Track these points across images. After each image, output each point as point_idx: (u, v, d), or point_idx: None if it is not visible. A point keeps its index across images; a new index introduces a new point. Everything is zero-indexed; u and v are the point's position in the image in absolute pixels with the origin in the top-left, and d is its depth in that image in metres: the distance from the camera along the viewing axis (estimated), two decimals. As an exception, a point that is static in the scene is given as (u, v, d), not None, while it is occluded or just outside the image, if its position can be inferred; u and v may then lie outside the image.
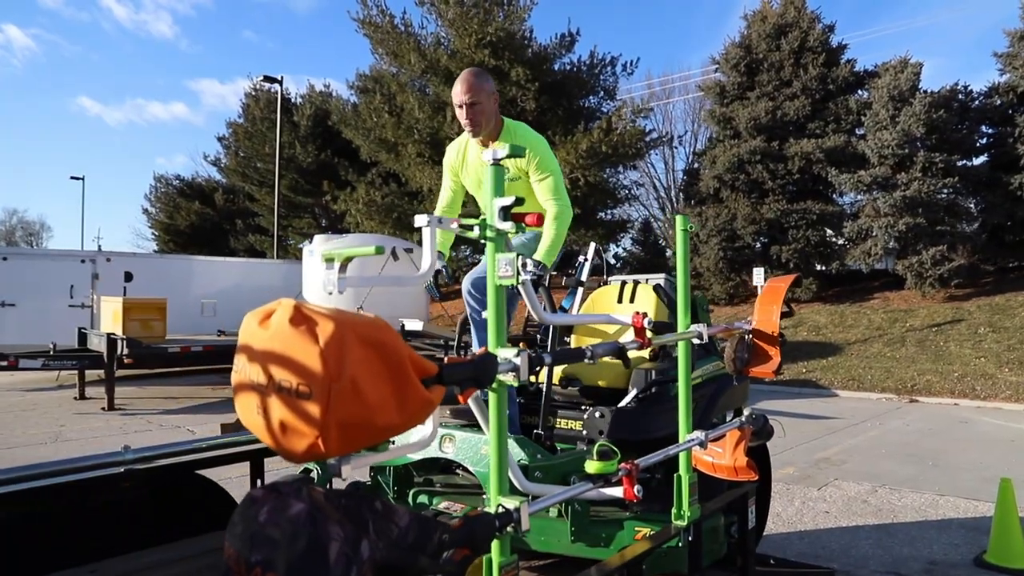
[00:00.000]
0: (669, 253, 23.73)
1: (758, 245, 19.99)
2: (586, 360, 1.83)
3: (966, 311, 15.64)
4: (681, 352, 2.46)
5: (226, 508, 3.50)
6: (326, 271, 1.39)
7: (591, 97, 23.16)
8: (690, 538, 2.46)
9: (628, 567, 2.12)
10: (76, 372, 11.31)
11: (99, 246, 53.08)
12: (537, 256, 3.03)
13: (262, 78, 25.85)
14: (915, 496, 5.72)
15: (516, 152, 1.60)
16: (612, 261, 22.26)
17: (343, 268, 1.40)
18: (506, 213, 1.59)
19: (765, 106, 19.56)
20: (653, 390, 3.25)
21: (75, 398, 11.23)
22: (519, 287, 1.68)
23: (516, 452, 2.67)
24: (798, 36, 19.81)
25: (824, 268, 19.74)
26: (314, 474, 3.01)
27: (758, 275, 15.62)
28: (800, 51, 19.86)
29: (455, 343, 3.97)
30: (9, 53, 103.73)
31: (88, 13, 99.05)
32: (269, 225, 29.81)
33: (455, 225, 1.65)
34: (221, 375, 14.22)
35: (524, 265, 1.55)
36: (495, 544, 1.56)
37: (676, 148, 29.68)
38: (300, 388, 1.20)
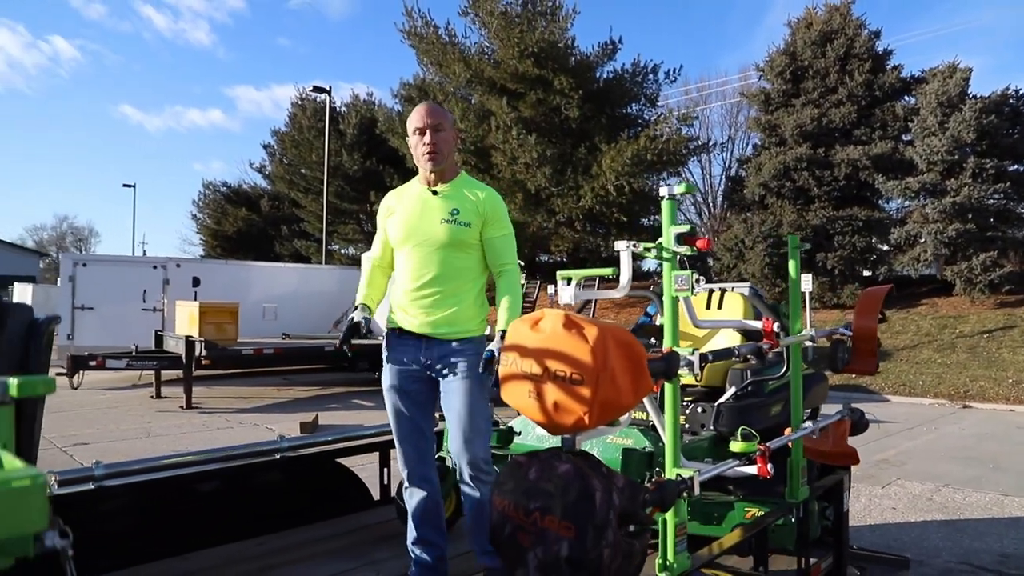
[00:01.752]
0: (712, 262, 23.89)
1: (804, 251, 20.09)
2: (733, 359, 2.20)
3: (1019, 317, 15.62)
4: (794, 354, 2.81)
5: (360, 492, 3.94)
6: (564, 287, 1.77)
7: (633, 104, 23.48)
8: (800, 515, 2.81)
9: (756, 537, 2.48)
10: (153, 372, 11.95)
11: (144, 251, 54.56)
12: (500, 326, 2.61)
13: (311, 88, 26.59)
14: (979, 495, 5.95)
15: (691, 189, 1.96)
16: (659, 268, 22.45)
17: (579, 284, 1.79)
18: (680, 238, 1.96)
19: (811, 113, 19.70)
20: (749, 388, 3.58)
21: (152, 397, 11.85)
22: (682, 298, 2.05)
23: (639, 440, 3.04)
24: (844, 43, 19.91)
25: (870, 274, 19.79)
26: (448, 461, 3.43)
27: (805, 282, 15.78)
28: (846, 58, 19.95)
29: None
30: (56, 64, 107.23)
31: (130, 23, 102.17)
32: (314, 231, 30.61)
33: (643, 247, 2.02)
34: (283, 377, 14.83)
35: (699, 280, 1.92)
36: (673, 506, 1.93)
37: (716, 155, 29.84)
38: (573, 376, 1.59)
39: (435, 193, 2.80)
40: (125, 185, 55.72)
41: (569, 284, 1.75)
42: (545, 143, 20.36)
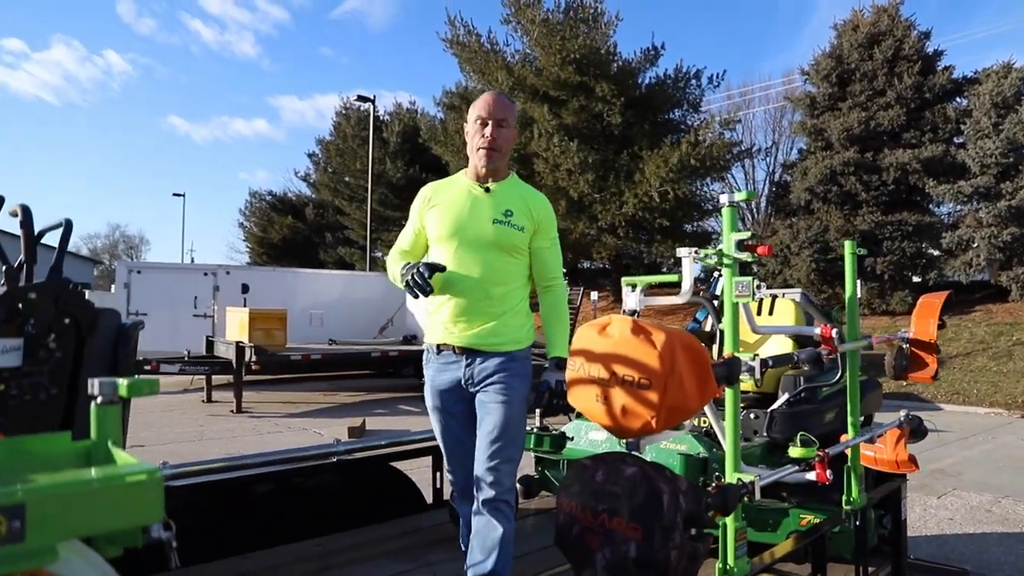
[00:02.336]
0: (756, 268, 23.60)
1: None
2: (790, 364, 2.21)
3: (1078, 324, 15.13)
4: (850, 360, 2.80)
5: (413, 495, 4.00)
6: (629, 293, 1.81)
7: (676, 110, 23.35)
8: (857, 523, 2.78)
9: (814, 544, 2.47)
10: (204, 377, 12.24)
11: (192, 258, 55.87)
12: (557, 352, 2.40)
13: (355, 97, 27.03)
14: (1041, 507, 5.80)
15: (751, 196, 1.98)
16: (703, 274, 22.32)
17: (644, 291, 1.82)
18: (740, 245, 1.98)
19: (858, 116, 19.36)
20: (803, 394, 3.56)
21: (203, 401, 12.15)
22: (741, 304, 2.07)
23: (693, 446, 3.04)
24: (892, 44, 19.54)
25: (921, 280, 19.34)
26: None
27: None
28: (894, 60, 19.58)
29: None
30: (109, 77, 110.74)
31: (178, 36, 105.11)
32: (358, 238, 31.03)
33: (704, 253, 2.04)
34: (329, 382, 15.06)
35: (759, 286, 1.94)
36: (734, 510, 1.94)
37: (759, 160, 29.54)
38: (641, 381, 1.63)
39: (487, 190, 2.59)
40: (175, 194, 57.17)
41: (634, 290, 1.79)
42: (587, 150, 20.36)
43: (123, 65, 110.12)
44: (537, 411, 3.77)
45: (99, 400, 1.15)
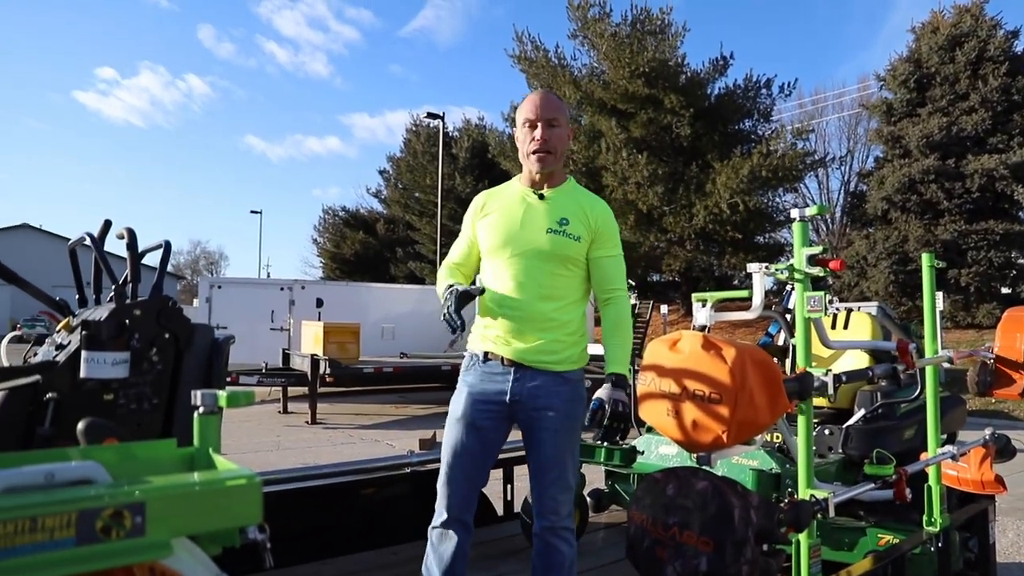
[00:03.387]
0: (831, 280, 22.92)
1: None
2: (865, 380, 2.18)
3: None
4: (930, 375, 2.73)
5: (484, 507, 4.06)
6: (700, 309, 1.84)
7: (746, 120, 22.99)
8: (939, 545, 2.70)
9: (893, 564, 2.42)
10: (280, 388, 12.64)
11: (268, 273, 57.73)
12: (615, 368, 2.17)
13: (425, 114, 27.55)
14: None
15: (823, 211, 1.98)
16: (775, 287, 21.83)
17: (714, 307, 1.85)
18: (812, 260, 1.97)
19: (938, 122, 18.67)
20: (880, 411, 3.47)
21: (279, 412, 12.52)
22: (814, 319, 2.05)
23: (765, 461, 3.01)
24: (975, 46, 18.80)
25: (1010, 291, 18.45)
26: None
27: (937, 300, 14.88)
28: (978, 62, 18.83)
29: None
30: (190, 100, 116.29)
31: (255, 59, 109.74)
32: (428, 253, 31.57)
33: (774, 268, 2.05)
34: (400, 395, 15.32)
35: (832, 300, 1.93)
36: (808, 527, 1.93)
37: (834, 169, 28.76)
38: (712, 395, 1.66)
39: (541, 197, 2.42)
40: (252, 212, 59.26)
41: (704, 306, 1.81)
42: (656, 162, 20.24)
43: (203, 88, 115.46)
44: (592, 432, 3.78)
45: (201, 410, 1.25)
